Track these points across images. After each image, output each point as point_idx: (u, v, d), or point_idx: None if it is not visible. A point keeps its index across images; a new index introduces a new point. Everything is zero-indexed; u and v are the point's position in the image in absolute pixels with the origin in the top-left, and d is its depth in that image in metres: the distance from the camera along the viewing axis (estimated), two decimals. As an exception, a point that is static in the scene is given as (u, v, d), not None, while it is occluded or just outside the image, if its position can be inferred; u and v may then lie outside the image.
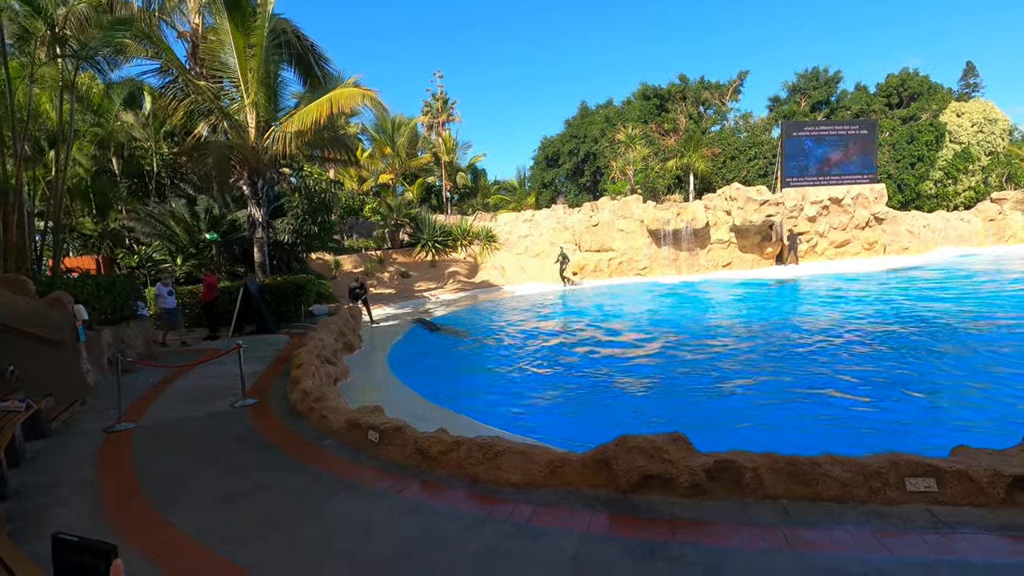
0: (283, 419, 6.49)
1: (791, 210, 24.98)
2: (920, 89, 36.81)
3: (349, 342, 11.25)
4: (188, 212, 17.58)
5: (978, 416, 6.48)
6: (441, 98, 36.81)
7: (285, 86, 16.03)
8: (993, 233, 28.59)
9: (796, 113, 37.98)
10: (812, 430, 6.29)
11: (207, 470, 5.06)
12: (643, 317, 14.96)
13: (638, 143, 35.66)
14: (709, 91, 40.84)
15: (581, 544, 3.41)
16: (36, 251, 12.41)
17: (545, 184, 45.20)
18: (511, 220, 29.48)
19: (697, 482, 3.86)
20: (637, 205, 25.43)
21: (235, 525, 3.95)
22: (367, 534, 3.70)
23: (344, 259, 24.71)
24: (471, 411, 7.10)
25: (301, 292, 14.97)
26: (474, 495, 4.24)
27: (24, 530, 3.93)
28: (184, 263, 16.81)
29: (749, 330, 12.38)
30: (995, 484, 3.45)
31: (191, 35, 16.71)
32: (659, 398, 7.97)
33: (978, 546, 3.10)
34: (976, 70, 40.86)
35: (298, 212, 18.49)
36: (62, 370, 7.20)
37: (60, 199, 12.50)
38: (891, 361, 9.20)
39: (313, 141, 15.45)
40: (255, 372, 8.83)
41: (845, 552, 3.12)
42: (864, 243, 25.60)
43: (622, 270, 24.76)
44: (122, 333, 9.88)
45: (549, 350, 11.52)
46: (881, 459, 3.72)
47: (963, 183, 33.88)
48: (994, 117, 33.76)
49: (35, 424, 5.91)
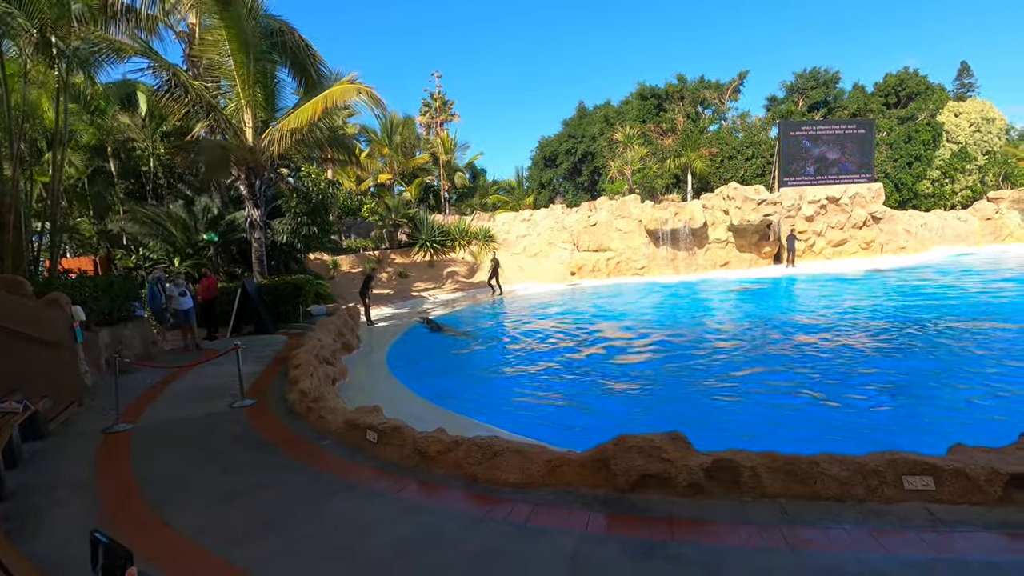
0: (281, 419, 6.48)
1: (788, 209, 25.01)
2: (918, 89, 36.89)
3: (347, 342, 11.24)
4: (186, 213, 17.54)
5: (975, 414, 6.50)
6: (439, 98, 36.84)
7: (282, 86, 16.01)
8: (990, 232, 28.67)
9: (794, 113, 38.02)
10: (810, 429, 6.31)
11: (205, 470, 5.05)
12: (641, 317, 14.97)
13: (636, 143, 35.68)
14: (708, 90, 40.87)
15: (580, 544, 3.41)
16: (33, 252, 12.38)
17: (543, 184, 45.21)
18: (509, 220, 29.47)
19: (696, 481, 3.86)
20: (635, 205, 25.45)
21: (233, 525, 3.94)
22: (365, 534, 3.69)
23: (342, 259, 24.69)
24: (469, 411, 7.10)
25: (299, 292, 14.96)
26: (472, 495, 4.24)
27: (21, 530, 3.93)
28: (182, 263, 16.78)
29: (747, 329, 12.39)
30: (992, 482, 3.45)
31: (188, 35, 16.68)
32: (657, 397, 7.98)
33: (975, 544, 3.10)
34: (971, 70, 41.05)
35: (296, 212, 18.46)
36: (60, 371, 7.17)
37: (57, 200, 12.48)
38: (889, 359, 9.22)
39: (310, 140, 15.41)
40: (253, 372, 8.81)
41: (843, 551, 3.12)
42: (861, 242, 25.64)
43: (620, 270, 24.77)
44: (120, 334, 9.86)
45: (547, 350, 11.53)
46: (879, 458, 3.73)
47: (960, 182, 33.96)
48: (991, 117, 33.85)
49: (33, 425, 5.89)
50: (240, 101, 14.56)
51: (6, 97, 10.35)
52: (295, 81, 16.56)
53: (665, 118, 40.11)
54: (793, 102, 39.28)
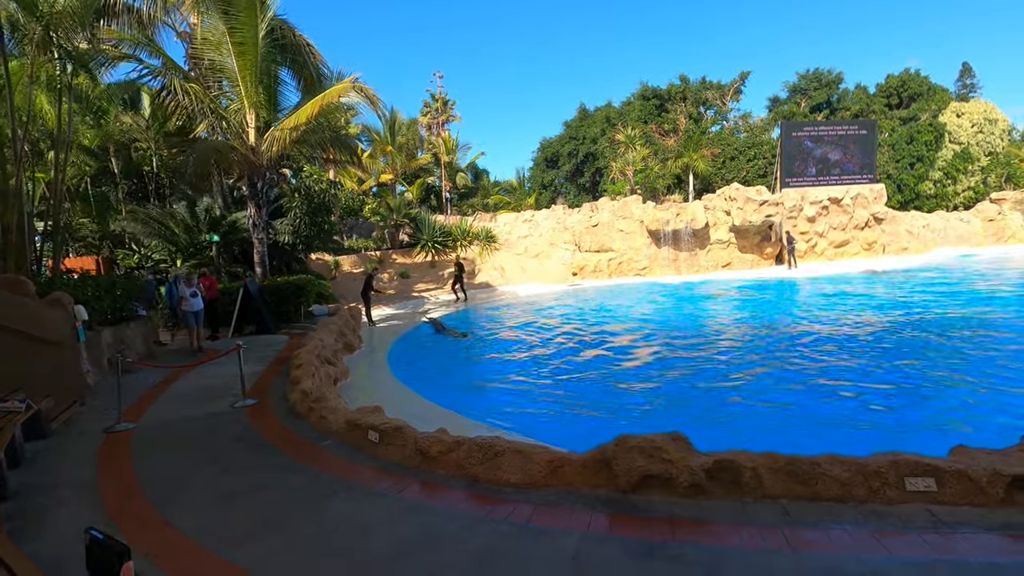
0: (283, 419, 6.49)
1: (790, 210, 24.99)
2: (920, 90, 36.85)
3: (349, 342, 11.25)
4: (188, 213, 17.58)
5: (978, 416, 6.48)
6: (441, 98, 36.87)
7: (284, 87, 16.06)
8: (992, 233, 28.61)
9: (796, 114, 38.00)
10: (812, 430, 6.29)
11: (206, 470, 5.06)
12: (643, 317, 14.96)
13: (638, 143, 35.68)
14: (710, 91, 40.86)
15: (581, 544, 3.41)
16: (36, 252, 12.42)
17: (545, 185, 45.23)
18: (511, 220, 29.47)
19: (697, 482, 3.86)
20: (637, 205, 25.44)
21: (234, 525, 3.95)
22: (366, 534, 3.69)
23: (344, 259, 24.72)
24: (471, 411, 7.09)
25: (301, 292, 14.98)
26: (474, 495, 4.24)
27: (23, 529, 3.94)
28: (184, 263, 16.81)
29: (749, 330, 12.37)
30: (994, 484, 3.45)
31: (189, 35, 16.71)
32: (659, 398, 7.97)
33: (977, 546, 3.10)
34: (972, 71, 41.03)
35: (298, 213, 18.50)
36: (62, 371, 7.20)
37: (60, 200, 12.51)
38: (891, 361, 9.20)
39: (311, 139, 15.44)
40: (255, 372, 8.82)
41: (844, 552, 3.12)
42: (863, 243, 25.60)
43: (622, 270, 24.76)
44: (122, 334, 9.88)
45: (549, 350, 11.52)
46: (881, 459, 3.72)
47: (962, 183, 33.90)
48: (994, 117, 33.79)
49: (35, 425, 5.90)
50: (243, 102, 14.59)
51: (10, 98, 10.38)
52: (296, 81, 16.61)
53: (667, 119, 40.12)
54: (795, 103, 39.25)
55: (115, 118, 18.54)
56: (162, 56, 13.69)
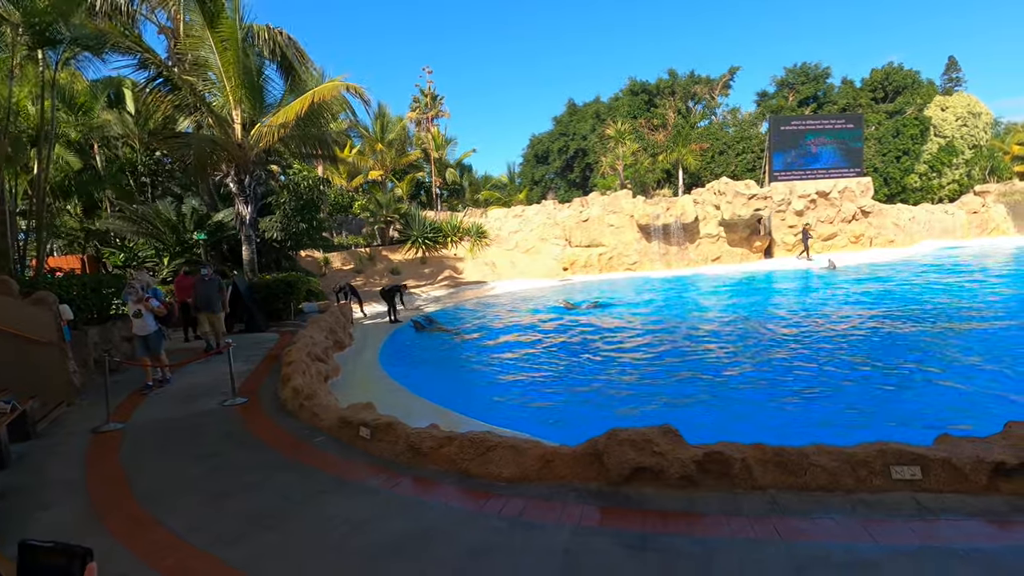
0: (274, 417, 6.45)
1: (779, 204, 25.16)
2: (905, 83, 37.24)
3: (339, 340, 11.19)
4: (175, 211, 17.35)
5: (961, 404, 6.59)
6: (430, 93, 36.62)
7: (270, 84, 15.88)
8: (976, 225, 29.02)
9: (784, 108, 38.25)
10: (800, 421, 6.37)
11: (197, 469, 5.02)
12: (634, 312, 15.03)
13: (627, 139, 35.75)
14: (699, 85, 41.01)
15: (573, 537, 3.43)
16: (19, 251, 12.20)
17: (535, 181, 45.24)
18: (501, 216, 29.43)
19: (687, 474, 3.89)
20: (627, 200, 25.50)
21: (226, 523, 3.92)
22: (359, 530, 3.69)
23: (334, 256, 24.56)
24: (462, 407, 7.09)
25: (291, 290, 14.86)
26: (466, 490, 4.24)
27: (7, 532, 3.89)
28: (171, 262, 16.61)
29: (738, 323, 12.47)
30: (978, 471, 3.51)
31: (172, 30, 16.47)
32: (649, 391, 8.01)
33: (962, 532, 3.16)
34: (958, 64, 41.41)
35: (286, 209, 18.33)
36: (48, 370, 7.09)
37: (42, 198, 12.30)
38: (878, 351, 9.33)
39: (298, 136, 15.31)
40: (245, 371, 8.76)
41: (833, 540, 3.17)
42: (851, 236, 25.86)
43: (612, 265, 24.83)
44: (109, 333, 9.75)
45: (540, 345, 11.54)
46: (868, 448, 3.78)
47: (947, 176, 34.34)
48: (978, 111, 34.23)
49: (21, 425, 5.82)
50: (227, 97, 14.42)
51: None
52: (283, 78, 16.46)
53: (656, 114, 40.22)
54: (783, 97, 39.52)
55: (98, 114, 18.21)
56: (145, 49, 13.48)
